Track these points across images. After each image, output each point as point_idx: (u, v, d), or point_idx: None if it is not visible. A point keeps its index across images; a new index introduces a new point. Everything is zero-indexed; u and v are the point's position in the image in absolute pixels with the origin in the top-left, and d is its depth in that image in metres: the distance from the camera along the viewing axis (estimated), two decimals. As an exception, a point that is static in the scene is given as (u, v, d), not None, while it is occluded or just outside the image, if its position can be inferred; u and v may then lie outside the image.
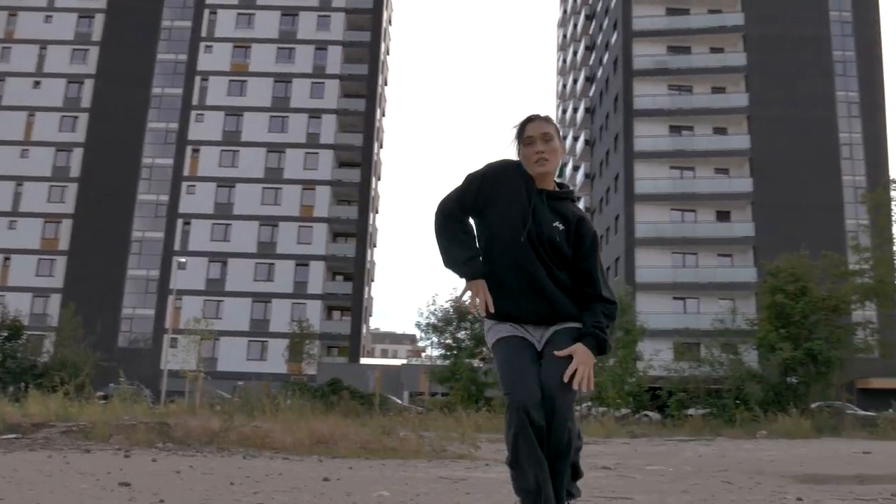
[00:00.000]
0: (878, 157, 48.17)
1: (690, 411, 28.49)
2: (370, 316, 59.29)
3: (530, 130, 3.01)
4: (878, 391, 38.16)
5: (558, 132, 3.05)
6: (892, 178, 33.02)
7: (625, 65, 50.73)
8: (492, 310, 2.90)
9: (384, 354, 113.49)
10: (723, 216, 48.54)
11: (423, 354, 35.42)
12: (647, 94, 49.91)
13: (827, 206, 46.57)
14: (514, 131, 3.09)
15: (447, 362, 31.85)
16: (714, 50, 51.25)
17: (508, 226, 2.93)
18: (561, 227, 2.95)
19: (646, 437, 16.49)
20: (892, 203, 31.75)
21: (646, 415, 30.63)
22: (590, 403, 31.20)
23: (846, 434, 17.76)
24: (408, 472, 5.13)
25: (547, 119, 3.06)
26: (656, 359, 31.66)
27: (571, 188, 3.14)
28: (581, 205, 61.96)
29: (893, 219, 31.48)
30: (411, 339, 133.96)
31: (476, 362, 31.22)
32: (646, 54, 50.69)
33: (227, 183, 53.39)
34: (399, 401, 36.48)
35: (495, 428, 14.64)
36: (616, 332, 30.43)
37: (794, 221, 45.46)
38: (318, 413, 11.83)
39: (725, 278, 46.45)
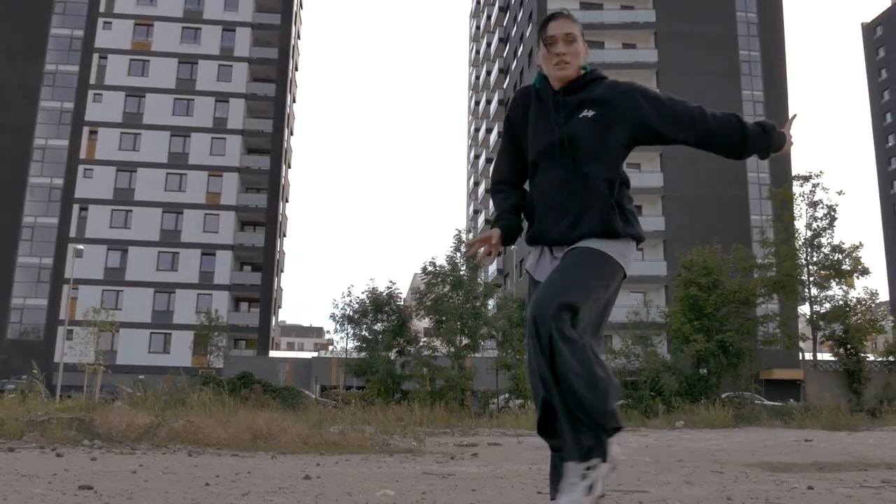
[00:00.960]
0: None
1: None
2: (279, 308, 57.96)
3: (552, 29, 2.73)
4: (780, 381, 39.86)
5: (582, 34, 2.78)
6: (795, 174, 34.39)
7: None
8: (485, 258, 2.76)
9: (290, 347, 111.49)
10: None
11: (338, 347, 34.75)
12: (562, 87, 50.54)
13: (733, 201, 48.37)
14: (538, 31, 2.81)
15: (363, 355, 31.35)
16: (626, 46, 52.36)
17: (532, 148, 2.73)
18: (590, 113, 2.66)
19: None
20: (795, 199, 33.13)
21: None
22: (507, 395, 31.33)
23: (763, 423, 18.29)
24: (386, 469, 4.74)
25: (571, 17, 2.78)
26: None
27: (598, 71, 2.80)
28: (495, 197, 62.55)
29: (796, 214, 32.85)
30: (318, 331, 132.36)
31: (393, 354, 30.86)
32: (561, 48, 51.24)
33: (128, 167, 51.00)
34: (311, 394, 35.67)
35: (420, 421, 14.35)
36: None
37: (703, 216, 47.03)
38: (229, 408, 11.20)
39: (637, 271, 47.55)
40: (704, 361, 29.33)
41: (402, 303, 31.82)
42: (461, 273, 30.01)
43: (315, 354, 53.62)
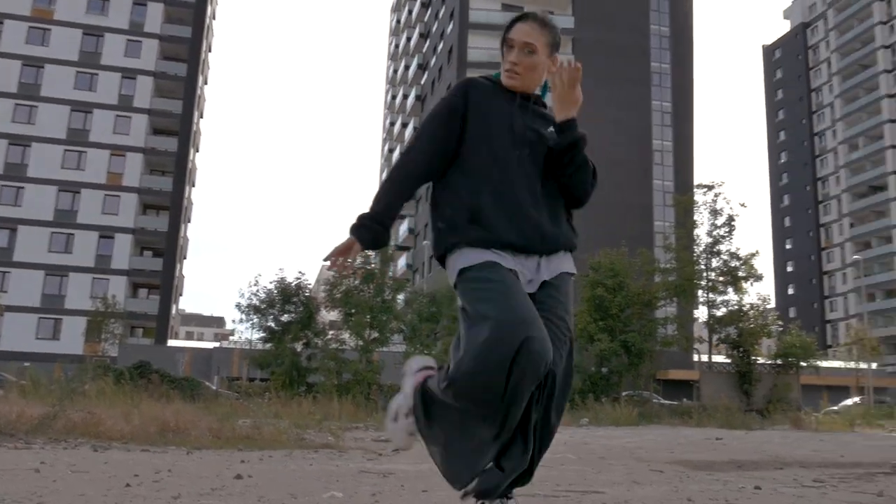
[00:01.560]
0: (686, 163, 52.07)
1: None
2: (181, 295, 56.00)
3: (514, 32, 2.46)
4: (675, 381, 41.18)
5: (551, 42, 2.48)
6: (698, 183, 35.51)
7: (459, 56, 51.24)
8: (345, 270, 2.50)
9: (190, 337, 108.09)
10: (544, 211, 50.45)
11: (242, 337, 33.70)
12: (479, 86, 50.75)
13: (639, 206, 49.69)
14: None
15: (268, 346, 30.59)
16: (544, 50, 53.05)
17: (491, 141, 2.46)
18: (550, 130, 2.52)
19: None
20: (698, 207, 34.23)
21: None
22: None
23: (665, 422, 18.76)
24: (318, 466, 4.42)
25: (544, 22, 2.48)
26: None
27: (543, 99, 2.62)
28: (407, 192, 62.32)
29: (698, 222, 33.91)
30: (219, 321, 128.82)
31: (299, 347, 30.24)
32: (481, 47, 51.49)
33: (21, 141, 48.11)
34: (211, 385, 34.54)
35: (336, 415, 13.97)
36: (442, 320, 30.63)
37: (608, 220, 48.08)
38: (132, 399, 10.58)
39: (544, 271, 48.30)
40: (607, 360, 29.95)
41: (310, 294, 31.22)
42: (372, 266, 29.64)
43: (216, 345, 51.91)
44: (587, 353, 29.90)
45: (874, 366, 39.67)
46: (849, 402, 34.61)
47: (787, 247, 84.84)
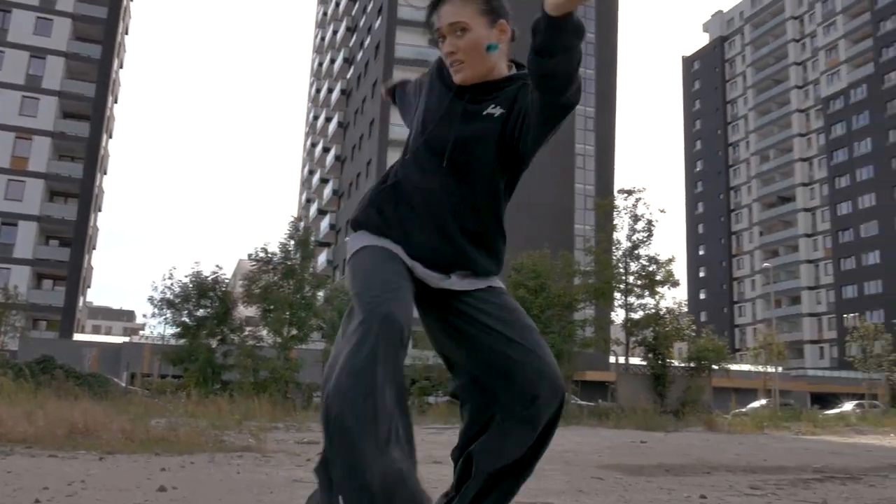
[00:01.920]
0: (607, 168, 53.13)
1: (431, 399, 29.21)
2: (88, 287, 53.78)
3: (438, 20, 2.06)
4: (591, 382, 41.93)
5: (486, 9, 2.02)
6: (619, 188, 36.15)
7: (387, 52, 50.89)
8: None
9: (97, 331, 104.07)
10: (467, 211, 50.61)
11: (154, 332, 32.64)
12: (406, 83, 50.52)
13: (560, 209, 50.40)
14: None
15: (182, 342, 29.70)
16: (471, 49, 53.22)
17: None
18: (499, 111, 2.04)
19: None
20: (619, 211, 34.87)
21: (384, 402, 30.77)
22: (319, 393, 30.78)
23: (584, 423, 18.97)
24: (247, 475, 4.14)
25: None
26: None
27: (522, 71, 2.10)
28: (329, 188, 61.63)
29: (618, 226, 34.53)
30: (129, 315, 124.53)
31: (215, 343, 29.46)
32: (408, 44, 51.27)
33: (-83, 119, 45.33)
34: (120, 382, 33.29)
35: (258, 414, 13.55)
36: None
37: (530, 221, 48.60)
38: (36, 397, 9.99)
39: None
40: (527, 362, 30.22)
41: (227, 289, 30.44)
42: (293, 262, 29.06)
43: (126, 339, 50.07)
44: (507, 353, 30.06)
45: (779, 369, 41.33)
46: (756, 404, 35.93)
47: (700, 252, 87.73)
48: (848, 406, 34.44)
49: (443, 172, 2.05)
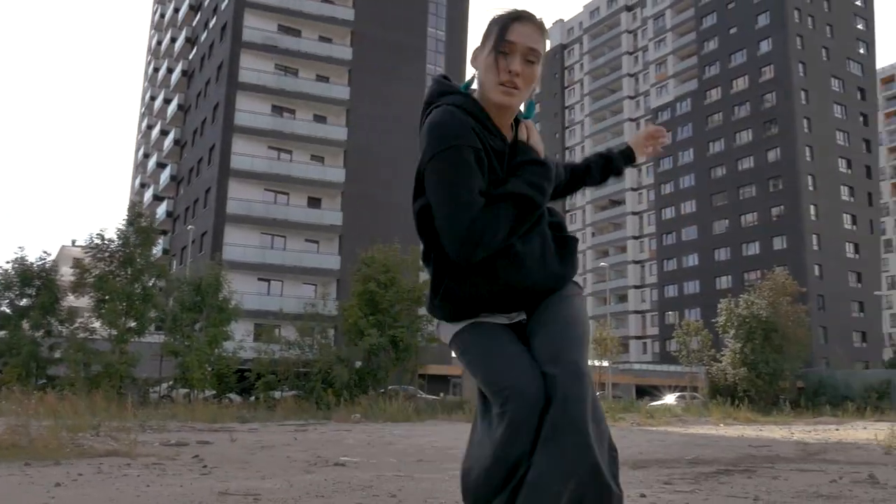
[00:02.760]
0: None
1: (276, 394, 28.59)
2: None
3: (516, 34, 2.01)
4: (434, 377, 42.60)
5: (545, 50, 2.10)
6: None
7: (234, 34, 49.10)
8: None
9: None
10: (314, 202, 49.86)
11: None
12: (254, 68, 49.03)
13: (408, 204, 50.70)
14: (492, 24, 2.06)
15: (2, 334, 27.47)
16: (323, 38, 52.43)
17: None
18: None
19: (258, 423, 15.84)
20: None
21: (228, 397, 29.83)
22: (171, 384, 29.46)
23: (440, 417, 19.25)
24: (163, 487, 3.86)
25: (542, 28, 2.08)
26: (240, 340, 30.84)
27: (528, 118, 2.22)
28: (167, 172, 58.64)
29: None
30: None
31: (40, 335, 27.41)
32: (256, 27, 49.75)
33: None
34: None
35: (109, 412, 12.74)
36: (205, 310, 29.20)
37: (380, 215, 48.64)
38: None
39: (311, 263, 47.76)
40: (375, 355, 30.22)
41: (58, 276, 28.37)
42: (131, 250, 27.45)
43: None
44: (357, 347, 29.97)
45: (607, 364, 43.75)
46: (589, 396, 37.84)
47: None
48: (670, 398, 37.11)
49: None
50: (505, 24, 2.04)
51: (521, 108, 2.16)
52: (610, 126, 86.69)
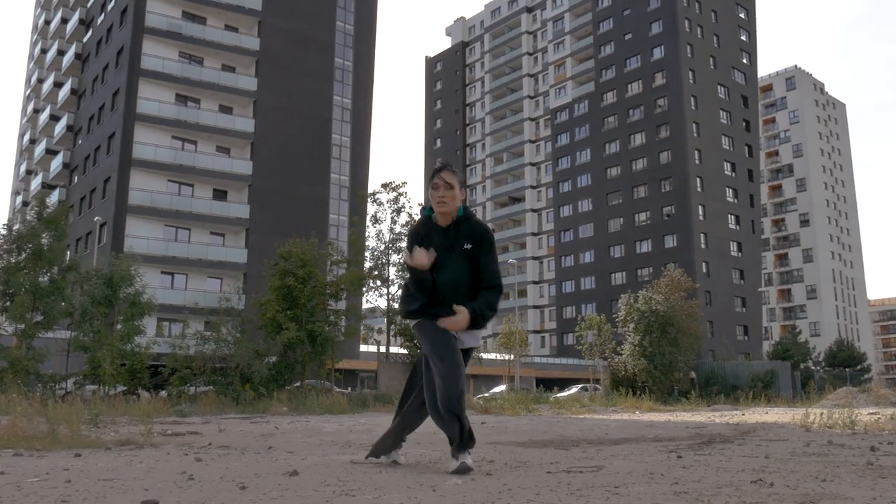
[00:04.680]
0: (362, 159, 54.38)
1: (191, 389, 28.29)
2: None
3: (438, 178, 4.16)
4: (346, 371, 42.93)
5: (461, 183, 4.19)
6: (383, 182, 37.45)
7: (135, 18, 47.70)
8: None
9: None
10: (220, 195, 49.12)
11: None
12: (157, 55, 47.80)
13: (316, 197, 50.78)
14: (429, 176, 4.25)
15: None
16: (229, 27, 51.63)
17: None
18: (468, 246, 4.16)
19: (199, 416, 16.00)
20: (383, 204, 36.04)
21: (136, 394, 29.28)
22: (77, 380, 28.65)
23: (374, 409, 19.82)
24: (217, 465, 4.35)
25: (454, 171, 4.18)
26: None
27: (468, 211, 4.28)
28: (59, 160, 56.22)
29: (381, 218, 35.62)
30: None
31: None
32: (159, 13, 48.51)
33: None
34: None
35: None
36: (121, 304, 28.58)
37: (286, 209, 48.46)
38: None
39: (217, 256, 47.09)
40: (293, 349, 30.34)
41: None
42: (42, 241, 26.57)
43: None
44: (274, 342, 30.02)
45: (512, 357, 45.26)
46: (498, 388, 39.24)
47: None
48: (574, 389, 38.85)
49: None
50: (433, 174, 4.22)
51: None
52: (510, 125, 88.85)
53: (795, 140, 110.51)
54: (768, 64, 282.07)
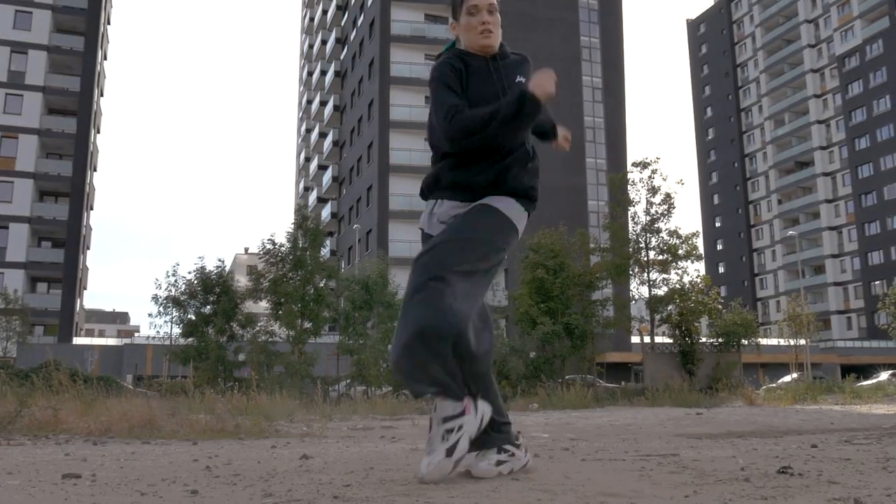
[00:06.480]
0: (619, 140, 53.17)
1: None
2: (84, 289, 54.01)
3: (476, 1, 2.97)
4: (614, 364, 42.21)
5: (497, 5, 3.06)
6: (634, 161, 36.04)
7: (382, 29, 50.83)
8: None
9: (90, 334, 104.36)
10: (475, 192, 50.65)
11: (161, 332, 32.70)
12: (404, 61, 50.49)
13: (572, 187, 50.51)
14: (455, 3, 3.05)
15: (190, 340, 29.88)
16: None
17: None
18: (522, 80, 2.96)
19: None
20: (635, 184, 34.80)
21: (404, 393, 31.04)
22: (348, 382, 31.02)
23: (622, 403, 19.20)
24: (381, 447, 4.32)
25: None
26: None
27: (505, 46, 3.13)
28: (328, 174, 61.70)
29: (634, 199, 34.37)
30: (123, 317, 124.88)
31: (224, 339, 29.68)
32: (403, 20, 51.22)
33: None
34: (126, 384, 33.60)
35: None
36: (377, 306, 30.52)
37: (542, 201, 48.60)
38: (91, 396, 10.25)
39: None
40: (549, 344, 30.38)
41: (234, 283, 30.65)
42: (303, 251, 29.24)
43: (127, 341, 50.39)
44: (529, 337, 30.29)
45: (808, 342, 41.52)
46: (787, 378, 36.18)
47: (717, 224, 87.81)
48: (884, 376, 34.66)
49: None
50: None
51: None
52: (790, 80, 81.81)
53: None
54: None
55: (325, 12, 68.88)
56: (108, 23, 57.42)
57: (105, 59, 56.69)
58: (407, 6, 51.60)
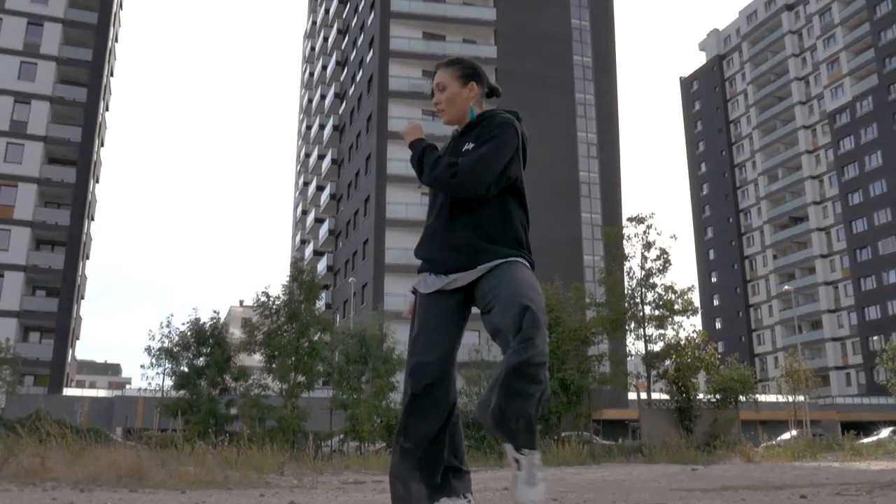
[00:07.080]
0: (613, 194, 53.59)
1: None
2: (77, 339, 53.70)
3: (433, 82, 3.14)
4: (610, 421, 41.82)
5: (460, 75, 3.07)
6: (629, 216, 36.17)
7: (380, 84, 51.61)
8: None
9: (81, 385, 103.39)
10: (471, 246, 50.80)
11: (152, 384, 32.41)
12: (402, 116, 51.12)
13: (567, 240, 50.71)
14: None
15: (182, 393, 29.60)
16: (466, 41, 53.98)
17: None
18: (468, 146, 3.00)
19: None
20: (630, 239, 34.88)
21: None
22: (342, 437, 30.66)
23: (616, 460, 19.01)
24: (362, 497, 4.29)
25: (446, 64, 3.12)
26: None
27: (496, 111, 3.12)
28: (325, 227, 61.98)
29: (629, 254, 34.43)
30: (115, 368, 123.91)
31: (217, 392, 29.40)
32: (402, 76, 52.03)
33: None
34: (115, 437, 33.19)
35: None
36: (374, 360, 30.30)
37: (537, 255, 48.76)
38: (79, 445, 10.16)
39: (475, 309, 48.50)
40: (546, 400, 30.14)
41: (228, 336, 30.51)
42: (298, 304, 29.17)
43: (118, 393, 49.91)
44: (525, 391, 30.04)
45: (807, 398, 41.24)
46: (786, 435, 35.87)
47: (713, 280, 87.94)
48: (885, 433, 34.37)
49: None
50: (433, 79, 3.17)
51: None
52: (782, 136, 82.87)
53: None
54: None
55: (324, 68, 69.96)
56: (112, 74, 58.23)
57: (107, 109, 57.35)
58: (404, 63, 52.46)
